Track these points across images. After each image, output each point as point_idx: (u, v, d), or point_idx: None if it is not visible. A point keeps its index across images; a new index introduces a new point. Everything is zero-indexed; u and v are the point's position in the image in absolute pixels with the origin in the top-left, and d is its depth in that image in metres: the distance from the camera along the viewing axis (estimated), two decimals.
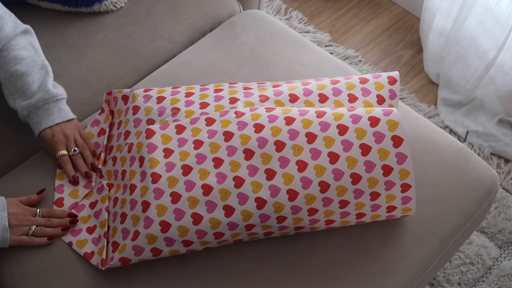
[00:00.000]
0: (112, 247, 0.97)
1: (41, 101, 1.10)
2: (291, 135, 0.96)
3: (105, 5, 1.36)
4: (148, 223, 0.93)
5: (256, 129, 0.98)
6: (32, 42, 1.16)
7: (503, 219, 1.61)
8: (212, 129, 1.00)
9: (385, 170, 0.94)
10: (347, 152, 0.94)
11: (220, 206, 0.94)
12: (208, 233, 0.94)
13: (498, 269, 1.52)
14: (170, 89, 1.12)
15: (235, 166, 0.96)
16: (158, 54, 1.34)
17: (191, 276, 0.99)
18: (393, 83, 1.09)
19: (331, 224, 1.00)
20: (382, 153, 0.94)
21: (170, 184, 0.95)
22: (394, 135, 0.95)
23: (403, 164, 0.94)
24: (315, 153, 0.95)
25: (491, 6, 1.65)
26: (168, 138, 1.01)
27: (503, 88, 1.73)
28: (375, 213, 0.99)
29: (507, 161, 1.75)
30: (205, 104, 1.06)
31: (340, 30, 2.07)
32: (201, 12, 1.42)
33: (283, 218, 0.95)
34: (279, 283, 0.99)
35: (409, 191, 0.96)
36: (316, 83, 1.09)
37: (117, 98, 1.16)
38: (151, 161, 0.98)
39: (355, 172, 0.94)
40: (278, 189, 0.93)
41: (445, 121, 1.81)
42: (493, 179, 1.15)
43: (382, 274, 1.01)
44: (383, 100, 1.07)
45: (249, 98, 1.06)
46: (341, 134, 0.95)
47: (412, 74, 1.95)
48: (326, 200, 0.94)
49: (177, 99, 1.08)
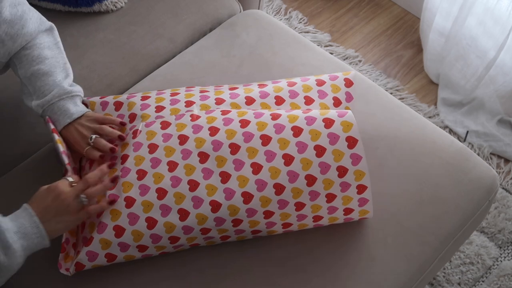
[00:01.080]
0: (76, 255, 0.96)
1: (55, 97, 1.04)
2: (246, 138, 0.96)
3: (105, 5, 1.36)
4: (102, 228, 0.93)
5: (211, 132, 0.98)
6: (57, 42, 1.11)
7: (503, 219, 1.61)
8: (167, 133, 1.00)
9: (340, 171, 0.94)
10: (301, 153, 0.94)
11: (174, 209, 0.93)
12: (163, 237, 0.94)
13: (498, 269, 1.53)
14: (126, 94, 1.11)
15: (190, 170, 0.95)
16: (158, 54, 1.34)
17: (190, 276, 0.99)
18: (350, 85, 1.10)
19: (288, 228, 1.00)
20: (337, 154, 0.94)
21: (125, 189, 0.95)
22: (348, 136, 0.95)
23: (358, 165, 0.94)
24: (270, 155, 0.95)
25: (491, 6, 1.65)
26: (125, 145, 1.01)
27: (503, 88, 1.73)
28: (332, 215, 0.99)
29: (507, 161, 1.75)
30: (160, 107, 1.05)
31: (340, 30, 2.07)
32: (201, 12, 1.42)
33: (238, 221, 0.95)
34: (280, 283, 0.99)
35: (365, 193, 0.96)
36: (272, 86, 1.08)
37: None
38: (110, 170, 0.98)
39: (310, 174, 0.94)
40: (233, 191, 0.93)
41: (445, 121, 1.81)
42: (493, 179, 1.15)
43: (382, 274, 1.01)
44: (340, 103, 1.08)
45: (205, 101, 1.05)
46: (296, 136, 0.95)
47: (412, 74, 1.95)
48: (282, 203, 0.94)
49: (133, 103, 1.07)
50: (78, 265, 0.94)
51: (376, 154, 1.13)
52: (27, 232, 0.86)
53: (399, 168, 1.12)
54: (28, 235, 0.86)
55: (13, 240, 0.84)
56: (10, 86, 1.22)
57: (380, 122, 1.18)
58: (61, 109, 1.04)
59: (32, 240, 0.86)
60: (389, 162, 1.13)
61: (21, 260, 0.86)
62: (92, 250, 0.93)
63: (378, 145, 1.14)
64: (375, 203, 1.04)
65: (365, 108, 1.19)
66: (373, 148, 1.14)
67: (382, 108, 1.22)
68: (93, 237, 0.93)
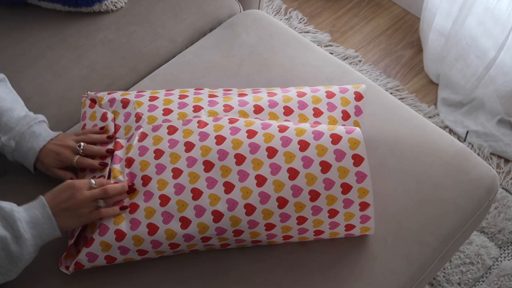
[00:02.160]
0: (76, 254, 0.97)
1: (24, 125, 1.02)
2: (252, 149, 0.96)
3: (105, 5, 1.36)
4: (103, 230, 0.93)
5: (217, 141, 0.97)
6: (12, 90, 1.10)
7: (503, 219, 1.61)
8: (173, 139, 0.99)
9: (344, 188, 0.94)
10: (306, 168, 0.94)
11: (176, 217, 0.93)
12: (163, 244, 0.94)
13: (498, 269, 1.53)
14: (135, 92, 1.10)
15: (194, 178, 0.95)
16: (158, 54, 1.34)
17: (192, 279, 0.99)
18: (359, 99, 1.09)
19: (289, 240, 1.00)
20: (342, 171, 0.94)
21: (130, 195, 0.96)
22: (354, 154, 0.94)
23: (362, 183, 0.94)
24: (275, 168, 0.94)
25: (491, 6, 1.65)
26: (130, 147, 1.00)
27: (503, 88, 1.73)
28: (334, 230, 0.98)
29: (507, 161, 1.75)
30: (168, 110, 1.04)
31: (340, 30, 2.07)
32: (201, 12, 1.42)
33: (239, 232, 0.95)
34: (281, 284, 0.99)
35: (367, 210, 0.96)
36: (282, 95, 1.08)
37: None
38: (113, 171, 0.98)
39: (313, 189, 0.93)
40: (235, 202, 0.93)
41: (445, 121, 1.81)
42: (493, 179, 1.15)
43: (382, 274, 1.01)
44: (348, 116, 1.07)
45: (213, 107, 1.04)
46: (302, 150, 0.95)
47: (412, 74, 1.95)
48: (284, 216, 0.94)
49: (140, 102, 1.06)
50: (77, 265, 0.94)
51: (376, 154, 1.13)
52: (39, 223, 0.89)
53: (399, 168, 1.12)
54: (40, 225, 0.89)
55: (25, 229, 0.87)
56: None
57: (380, 122, 1.18)
58: (34, 135, 1.03)
59: (43, 231, 0.89)
60: (389, 162, 1.13)
61: (32, 249, 0.89)
62: (92, 251, 0.93)
63: (378, 144, 1.14)
64: (375, 202, 1.04)
65: (365, 108, 1.19)
66: (373, 147, 1.14)
67: (382, 108, 1.22)
68: (94, 239, 0.94)
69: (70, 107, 1.23)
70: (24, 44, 1.31)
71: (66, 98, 1.24)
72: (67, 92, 1.25)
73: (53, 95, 1.24)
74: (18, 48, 1.30)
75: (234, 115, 1.03)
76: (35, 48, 1.30)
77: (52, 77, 1.26)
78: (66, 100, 1.24)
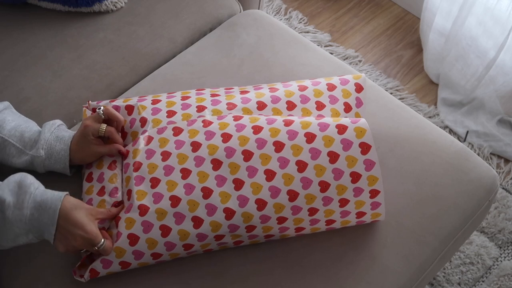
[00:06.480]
0: (90, 261, 0.96)
1: (47, 133, 1.03)
2: (259, 144, 0.96)
3: (105, 5, 1.37)
4: (117, 236, 0.93)
5: (223, 139, 0.97)
6: (18, 113, 1.09)
7: (503, 219, 1.61)
8: (179, 140, 0.99)
9: (353, 177, 0.94)
10: (315, 160, 0.94)
11: (188, 217, 0.93)
12: (177, 245, 0.94)
13: (498, 269, 1.53)
14: (137, 98, 1.11)
15: (203, 177, 0.95)
16: (158, 54, 1.34)
17: (192, 279, 0.99)
18: (360, 91, 1.09)
19: (301, 231, 1.00)
20: (350, 160, 0.94)
21: (139, 197, 0.95)
22: (361, 142, 0.94)
23: (371, 171, 0.94)
24: (283, 161, 0.94)
25: (491, 6, 1.65)
26: (137, 151, 1.01)
27: (503, 88, 1.73)
28: (345, 219, 0.99)
29: (507, 161, 1.75)
30: (172, 112, 1.04)
31: (340, 30, 2.07)
32: (201, 12, 1.42)
33: (252, 227, 0.95)
34: (281, 284, 0.99)
35: (377, 197, 0.96)
36: (284, 90, 1.08)
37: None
38: (125, 179, 0.99)
39: (323, 180, 0.93)
40: (246, 199, 0.93)
41: (445, 121, 1.82)
42: (493, 179, 1.15)
43: (382, 274, 1.01)
44: (350, 108, 1.07)
45: (217, 106, 1.05)
46: (309, 142, 0.95)
47: (412, 74, 1.95)
48: (295, 209, 0.94)
49: (144, 106, 1.07)
50: (92, 272, 0.94)
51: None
52: (41, 216, 0.88)
53: (399, 168, 1.12)
54: (43, 212, 0.88)
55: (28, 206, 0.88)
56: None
57: (380, 122, 1.19)
58: (58, 138, 1.04)
59: (42, 219, 0.88)
60: (389, 162, 1.13)
61: (23, 224, 0.87)
62: (106, 258, 0.93)
63: (378, 144, 1.14)
64: None
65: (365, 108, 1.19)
66: None
67: (382, 108, 1.22)
68: None
69: (70, 107, 1.23)
70: (24, 44, 1.31)
71: (66, 98, 1.24)
72: (67, 92, 1.25)
73: (53, 95, 1.24)
74: (18, 48, 1.30)
75: (238, 113, 1.03)
76: (35, 48, 1.30)
77: (52, 77, 1.26)
78: (66, 100, 1.24)
